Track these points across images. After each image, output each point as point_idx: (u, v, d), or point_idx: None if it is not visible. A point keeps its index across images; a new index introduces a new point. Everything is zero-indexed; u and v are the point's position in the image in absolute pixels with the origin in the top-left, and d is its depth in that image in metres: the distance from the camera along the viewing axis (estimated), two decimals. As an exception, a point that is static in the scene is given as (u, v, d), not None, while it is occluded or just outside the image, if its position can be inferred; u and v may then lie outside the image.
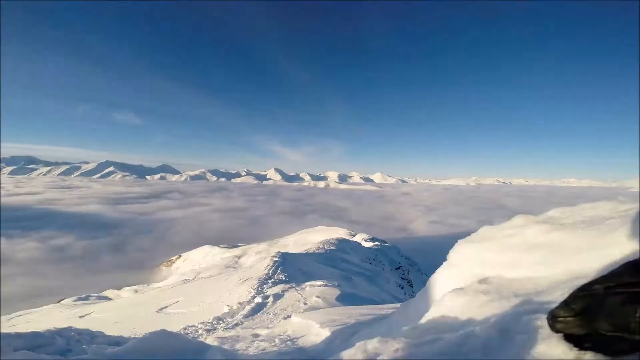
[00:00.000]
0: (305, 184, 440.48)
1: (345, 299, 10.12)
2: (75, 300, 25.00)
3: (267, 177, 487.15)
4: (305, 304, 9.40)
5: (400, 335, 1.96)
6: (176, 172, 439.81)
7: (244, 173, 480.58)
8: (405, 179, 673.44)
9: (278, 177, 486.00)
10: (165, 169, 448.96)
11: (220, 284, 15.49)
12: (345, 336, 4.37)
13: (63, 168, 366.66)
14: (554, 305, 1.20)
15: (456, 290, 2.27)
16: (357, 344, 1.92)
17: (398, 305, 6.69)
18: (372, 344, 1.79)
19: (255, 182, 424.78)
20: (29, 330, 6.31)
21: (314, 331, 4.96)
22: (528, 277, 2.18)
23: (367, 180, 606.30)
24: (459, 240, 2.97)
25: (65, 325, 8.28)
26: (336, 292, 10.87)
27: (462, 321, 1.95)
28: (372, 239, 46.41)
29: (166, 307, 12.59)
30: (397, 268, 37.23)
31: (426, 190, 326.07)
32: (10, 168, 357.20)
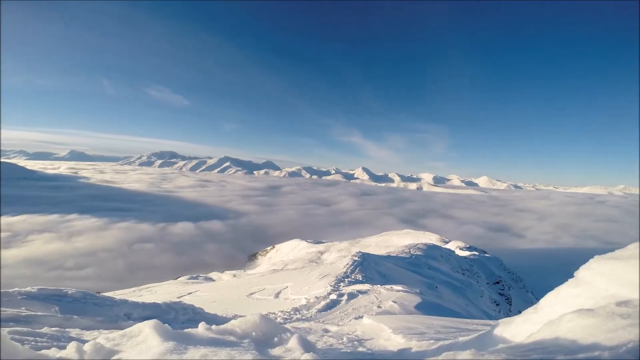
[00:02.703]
0: (394, 185, 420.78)
1: (426, 308, 9.22)
2: (188, 279, 29.66)
3: (355, 176, 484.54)
4: (379, 307, 8.95)
5: (498, 350, 1.77)
6: (277, 168, 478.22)
7: (333, 171, 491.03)
8: (519, 184, 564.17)
9: (365, 176, 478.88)
10: (269, 165, 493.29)
11: (302, 277, 16.15)
12: (421, 346, 3.97)
13: (194, 162, 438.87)
14: None
15: (582, 311, 1.96)
16: (445, 353, 1.85)
17: (490, 322, 5.65)
18: (464, 356, 1.66)
19: (344, 180, 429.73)
20: (152, 301, 7.69)
21: (384, 335, 4.67)
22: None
23: (470, 184, 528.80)
24: (595, 256, 2.54)
25: (176, 300, 9.77)
26: (416, 299, 10.01)
27: (583, 345, 1.66)
28: (469, 248, 42.25)
29: (254, 292, 13.74)
30: (495, 282, 33.11)
31: (547, 198, 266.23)
32: (159, 161, 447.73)
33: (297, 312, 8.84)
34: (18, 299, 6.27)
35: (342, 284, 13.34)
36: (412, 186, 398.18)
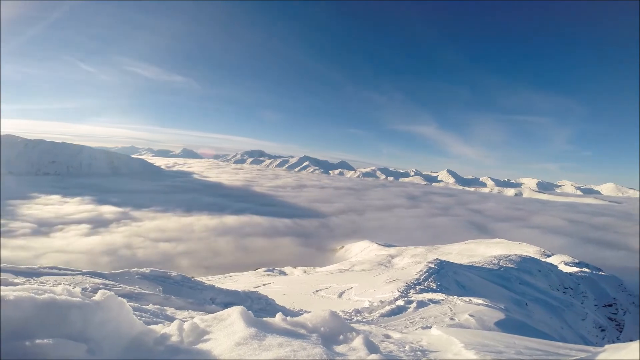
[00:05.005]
0: (486, 189, 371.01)
1: (508, 326, 8.01)
2: (265, 271, 32.02)
3: (438, 178, 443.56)
4: (452, 319, 8.14)
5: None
6: (351, 168, 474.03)
7: (412, 173, 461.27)
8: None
9: (451, 179, 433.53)
10: (343, 165, 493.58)
11: (368, 279, 15.91)
12: (498, 367, 3.52)
13: (278, 160, 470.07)
14: None
15: None
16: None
17: (589, 347, 4.55)
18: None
19: (424, 183, 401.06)
20: (233, 288, 8.53)
21: (454, 349, 4.17)
22: None
23: (588, 191, 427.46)
24: None
25: (253, 290, 10.59)
26: (498, 315, 8.80)
27: None
28: (578, 264, 36.01)
29: (320, 290, 14.08)
30: (607, 305, 28.05)
31: None
32: (250, 159, 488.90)
33: (359, 314, 8.72)
34: (135, 278, 7.69)
35: (412, 290, 12.58)
36: (509, 192, 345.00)
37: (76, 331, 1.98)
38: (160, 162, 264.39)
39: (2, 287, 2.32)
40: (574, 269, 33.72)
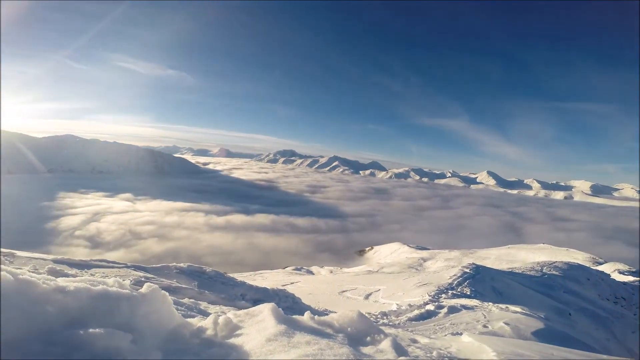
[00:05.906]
0: (531, 192, 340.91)
1: (547, 336, 7.55)
2: (293, 269, 32.56)
3: (477, 180, 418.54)
4: (485, 327, 7.77)
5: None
6: (383, 169, 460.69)
7: (449, 174, 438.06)
8: None
9: (491, 181, 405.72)
10: (375, 165, 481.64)
11: (397, 281, 15.62)
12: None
13: (308, 160, 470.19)
14: None
15: None
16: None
17: None
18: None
19: (461, 184, 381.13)
20: (262, 285, 8.87)
21: (484, 357, 3.95)
22: None
23: None
24: None
25: (281, 287, 10.95)
26: (537, 324, 8.30)
27: None
28: (635, 272, 32.74)
29: (346, 291, 14.09)
30: None
31: None
32: (282, 159, 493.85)
33: (385, 317, 8.59)
34: (173, 272, 8.23)
35: (443, 295, 12.20)
36: (558, 195, 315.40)
37: (123, 321, 2.15)
38: (198, 160, 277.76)
39: (61, 278, 2.62)
40: (630, 278, 30.69)
